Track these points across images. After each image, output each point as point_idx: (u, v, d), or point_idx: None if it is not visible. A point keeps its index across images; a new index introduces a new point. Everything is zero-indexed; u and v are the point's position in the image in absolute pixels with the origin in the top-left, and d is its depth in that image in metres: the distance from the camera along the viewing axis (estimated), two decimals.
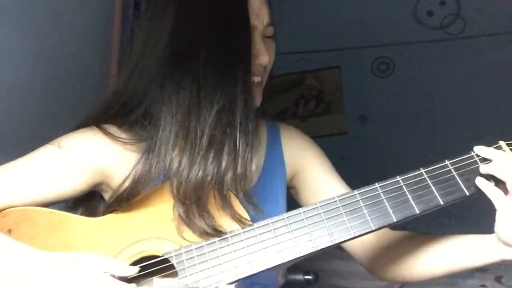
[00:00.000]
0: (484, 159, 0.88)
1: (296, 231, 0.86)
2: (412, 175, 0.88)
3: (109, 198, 0.93)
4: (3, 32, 1.30)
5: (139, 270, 0.85)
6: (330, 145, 1.24)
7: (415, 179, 0.87)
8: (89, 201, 0.99)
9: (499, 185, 0.85)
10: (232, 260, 0.85)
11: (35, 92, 1.40)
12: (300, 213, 0.87)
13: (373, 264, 1.06)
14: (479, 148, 0.89)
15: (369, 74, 2.95)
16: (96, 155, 0.94)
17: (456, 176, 0.87)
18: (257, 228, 0.87)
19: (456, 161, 0.88)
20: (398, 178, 0.88)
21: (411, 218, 0.86)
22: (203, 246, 0.86)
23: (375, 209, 0.86)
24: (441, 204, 0.86)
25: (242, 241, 0.86)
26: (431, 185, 0.87)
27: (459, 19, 2.79)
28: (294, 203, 1.04)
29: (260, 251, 0.85)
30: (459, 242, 0.93)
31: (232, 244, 0.86)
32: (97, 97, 1.03)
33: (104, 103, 0.99)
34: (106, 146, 0.94)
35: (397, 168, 0.90)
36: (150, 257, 0.87)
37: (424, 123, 2.77)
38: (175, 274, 0.85)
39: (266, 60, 0.96)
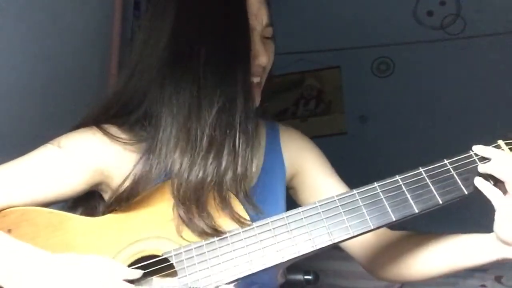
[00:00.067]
0: (483, 158, 0.88)
1: (295, 231, 0.86)
2: (411, 174, 0.88)
3: (109, 198, 0.92)
4: (3, 32, 1.30)
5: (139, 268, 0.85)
6: (330, 145, 1.24)
7: (414, 178, 0.87)
8: (89, 201, 0.99)
9: (498, 185, 0.85)
10: (232, 260, 0.85)
11: (35, 92, 1.40)
12: (300, 213, 0.87)
13: (372, 264, 1.06)
14: (478, 147, 0.89)
15: (369, 74, 2.95)
16: (96, 155, 0.94)
17: (455, 175, 0.87)
18: (257, 228, 0.87)
19: (455, 160, 0.88)
20: (397, 178, 0.88)
21: (410, 217, 0.86)
22: (203, 246, 0.86)
23: (374, 209, 0.86)
24: (440, 203, 0.86)
25: (242, 241, 0.86)
26: (430, 184, 0.87)
27: (459, 19, 2.79)
28: (293, 204, 1.04)
29: (260, 251, 0.85)
30: (458, 242, 0.93)
31: (232, 244, 0.86)
32: (97, 97, 1.03)
33: (104, 103, 0.99)
34: (106, 146, 0.94)
35: (397, 168, 0.90)
36: (150, 257, 0.87)
37: (424, 123, 2.77)
38: (175, 274, 0.86)
39: (265, 61, 0.96)
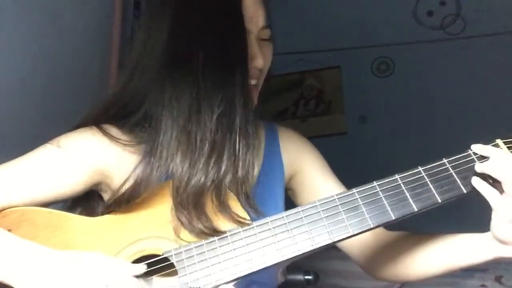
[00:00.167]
0: (482, 157, 0.88)
1: (295, 229, 0.86)
2: (410, 173, 0.88)
3: (109, 199, 0.92)
4: (3, 32, 1.30)
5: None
6: (330, 145, 1.24)
7: (413, 177, 0.87)
8: (88, 201, 0.99)
9: (495, 184, 0.85)
10: (232, 259, 0.85)
11: (35, 92, 1.41)
12: (299, 212, 0.87)
13: (370, 264, 1.06)
14: (477, 146, 0.89)
15: (369, 74, 2.95)
16: (96, 155, 0.94)
17: (454, 174, 0.87)
18: (257, 227, 0.87)
19: (454, 159, 0.89)
20: (396, 177, 0.88)
21: (409, 216, 0.86)
22: (203, 245, 0.86)
23: (374, 207, 0.86)
24: (439, 202, 0.86)
25: (242, 240, 0.86)
26: (429, 183, 0.87)
27: (459, 19, 2.78)
28: (292, 205, 1.04)
29: (260, 249, 0.85)
30: (455, 241, 0.93)
31: (232, 243, 0.86)
32: (97, 97, 1.04)
33: (104, 103, 0.99)
34: (105, 146, 0.94)
35: (397, 168, 0.90)
36: (150, 256, 0.87)
37: (424, 123, 2.77)
38: (175, 273, 0.86)
39: (261, 64, 0.96)
